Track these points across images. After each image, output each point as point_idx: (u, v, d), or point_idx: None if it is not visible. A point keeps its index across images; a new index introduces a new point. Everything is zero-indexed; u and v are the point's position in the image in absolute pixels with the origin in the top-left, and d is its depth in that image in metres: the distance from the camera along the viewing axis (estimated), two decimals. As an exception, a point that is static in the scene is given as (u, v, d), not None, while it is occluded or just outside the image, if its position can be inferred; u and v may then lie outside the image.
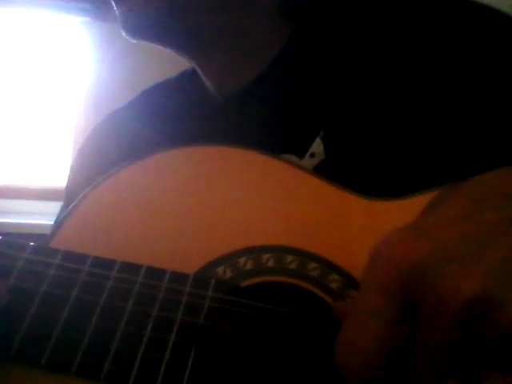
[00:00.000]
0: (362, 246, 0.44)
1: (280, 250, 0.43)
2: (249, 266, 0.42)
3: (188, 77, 0.66)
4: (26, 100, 2.15)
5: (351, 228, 0.45)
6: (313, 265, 0.43)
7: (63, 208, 0.70)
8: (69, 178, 0.73)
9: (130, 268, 0.41)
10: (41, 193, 2.03)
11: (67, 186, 0.72)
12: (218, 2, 0.56)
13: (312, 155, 0.52)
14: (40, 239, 0.59)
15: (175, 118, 0.63)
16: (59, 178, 2.10)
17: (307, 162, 0.52)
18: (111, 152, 0.65)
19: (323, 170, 0.49)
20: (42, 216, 1.88)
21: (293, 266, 0.43)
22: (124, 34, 0.56)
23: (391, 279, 0.30)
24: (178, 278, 0.41)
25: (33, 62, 2.16)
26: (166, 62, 0.76)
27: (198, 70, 0.63)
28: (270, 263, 0.43)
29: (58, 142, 2.17)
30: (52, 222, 0.68)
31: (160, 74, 0.76)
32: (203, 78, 0.63)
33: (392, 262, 0.30)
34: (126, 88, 0.77)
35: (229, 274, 0.42)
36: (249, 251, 0.43)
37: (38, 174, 2.14)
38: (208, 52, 0.59)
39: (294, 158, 0.52)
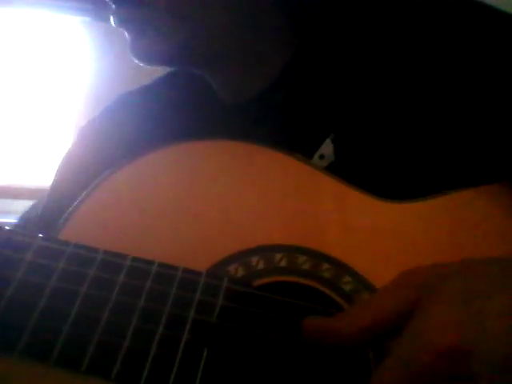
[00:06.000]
0: (375, 248, 0.44)
1: (293, 250, 0.43)
2: (261, 265, 0.42)
3: None
4: (25, 100, 2.14)
5: (364, 230, 0.45)
6: (326, 266, 0.42)
7: (51, 200, 0.69)
8: (66, 159, 0.71)
9: (142, 263, 0.40)
10: (40, 193, 2.02)
11: (61, 170, 0.70)
12: (230, 29, 0.56)
13: (321, 157, 0.52)
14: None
15: (183, 111, 0.63)
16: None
17: (316, 163, 0.52)
18: (113, 141, 0.64)
19: (332, 172, 0.49)
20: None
21: (306, 266, 0.42)
22: (133, 58, 0.56)
23: (436, 368, 0.33)
24: (191, 274, 0.40)
25: (33, 61, 2.15)
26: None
27: (209, 80, 0.63)
28: (283, 263, 0.42)
29: (58, 142, 2.16)
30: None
31: (160, 73, 0.75)
32: (214, 86, 0.63)
33: (443, 351, 0.33)
34: (126, 88, 0.76)
35: (241, 273, 0.42)
36: (261, 250, 0.43)
37: (38, 174, 2.13)
38: (218, 66, 0.59)
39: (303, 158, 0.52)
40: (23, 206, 2.14)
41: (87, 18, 2.15)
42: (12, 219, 1.94)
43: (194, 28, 0.54)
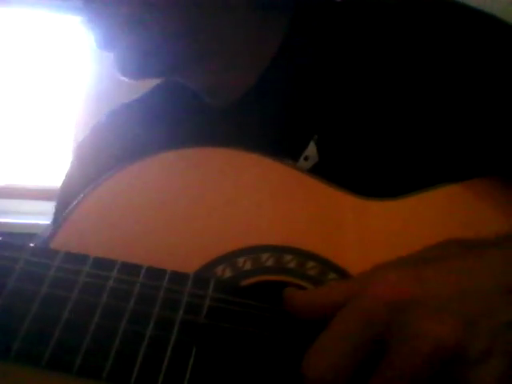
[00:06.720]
0: (358, 244, 0.45)
1: (278, 250, 0.44)
2: (248, 265, 0.43)
3: None
4: (26, 100, 2.15)
5: (348, 227, 0.46)
6: (311, 264, 0.43)
7: (58, 206, 0.70)
8: (66, 176, 0.73)
9: (131, 268, 0.41)
10: (41, 193, 2.03)
11: (63, 184, 0.72)
12: (205, 22, 0.56)
13: (306, 158, 0.53)
14: (39, 239, 0.59)
15: (175, 120, 0.64)
16: (59, 178, 2.09)
17: (301, 165, 0.53)
18: (112, 151, 0.65)
19: (317, 173, 0.50)
20: (41, 216, 1.88)
21: (292, 265, 0.43)
22: (121, 76, 0.58)
23: (375, 314, 0.33)
24: (178, 277, 0.41)
25: (33, 61, 2.16)
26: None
27: (192, 87, 0.63)
28: (269, 263, 0.43)
29: (58, 142, 2.17)
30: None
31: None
32: (198, 91, 0.63)
33: (382, 299, 0.34)
34: (125, 88, 0.77)
35: (228, 274, 0.42)
36: (248, 251, 0.43)
37: (38, 174, 2.14)
38: (198, 70, 0.60)
39: (288, 162, 0.53)
40: (23, 206, 2.14)
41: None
42: (12, 219, 1.95)
43: (155, 33, 0.55)
